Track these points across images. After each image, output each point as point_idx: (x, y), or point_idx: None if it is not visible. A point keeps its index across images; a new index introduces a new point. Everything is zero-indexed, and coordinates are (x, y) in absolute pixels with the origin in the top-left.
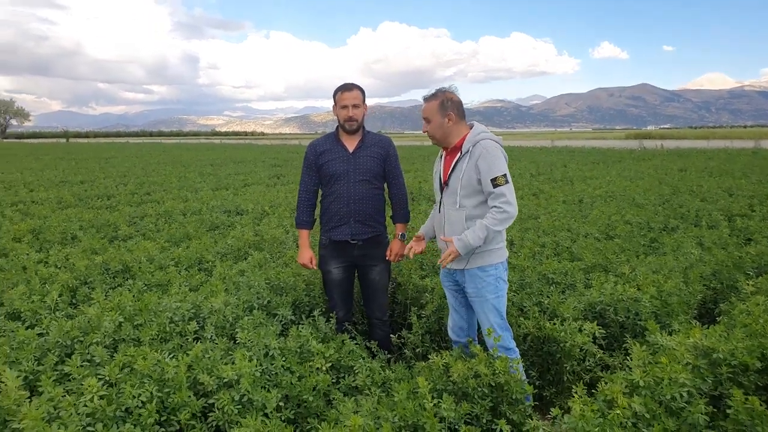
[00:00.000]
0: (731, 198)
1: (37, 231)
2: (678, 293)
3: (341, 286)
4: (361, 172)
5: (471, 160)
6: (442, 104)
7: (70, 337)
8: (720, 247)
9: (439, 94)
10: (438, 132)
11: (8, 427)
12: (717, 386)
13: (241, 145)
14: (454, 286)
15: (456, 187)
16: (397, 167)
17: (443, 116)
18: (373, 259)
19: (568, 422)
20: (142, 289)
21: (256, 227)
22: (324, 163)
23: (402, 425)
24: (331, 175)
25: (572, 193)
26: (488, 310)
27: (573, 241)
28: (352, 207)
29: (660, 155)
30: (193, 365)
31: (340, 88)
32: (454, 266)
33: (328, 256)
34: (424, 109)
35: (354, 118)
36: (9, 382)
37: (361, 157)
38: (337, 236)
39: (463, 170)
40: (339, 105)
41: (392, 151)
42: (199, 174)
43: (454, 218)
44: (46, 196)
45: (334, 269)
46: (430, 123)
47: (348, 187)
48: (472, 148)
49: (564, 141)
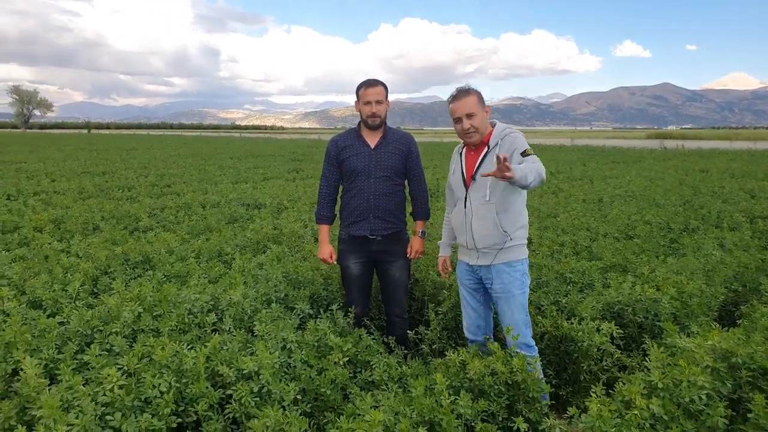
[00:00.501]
0: (753, 200)
1: (58, 221)
2: (699, 295)
3: (359, 282)
4: (382, 169)
5: (501, 152)
6: (480, 98)
7: (90, 326)
8: (741, 249)
9: (471, 89)
10: (482, 125)
11: (27, 413)
12: (736, 389)
13: (260, 138)
14: (475, 284)
15: (485, 181)
16: (418, 164)
17: (483, 109)
18: (393, 255)
19: (586, 422)
20: (161, 280)
21: (275, 221)
22: (345, 158)
23: (419, 420)
24: (352, 170)
25: (592, 192)
26: (514, 306)
27: (592, 240)
28: (372, 203)
29: (681, 155)
30: (212, 357)
31: (363, 84)
32: (479, 262)
33: (347, 251)
34: (462, 105)
35: (377, 114)
36: (29, 369)
37: (383, 153)
38: (356, 232)
39: (493, 164)
40: (362, 101)
41: (414, 147)
42: (218, 167)
43: (483, 212)
44: (68, 186)
45: (353, 264)
46: (475, 117)
47: (369, 183)
48: (500, 141)
49: (584, 140)
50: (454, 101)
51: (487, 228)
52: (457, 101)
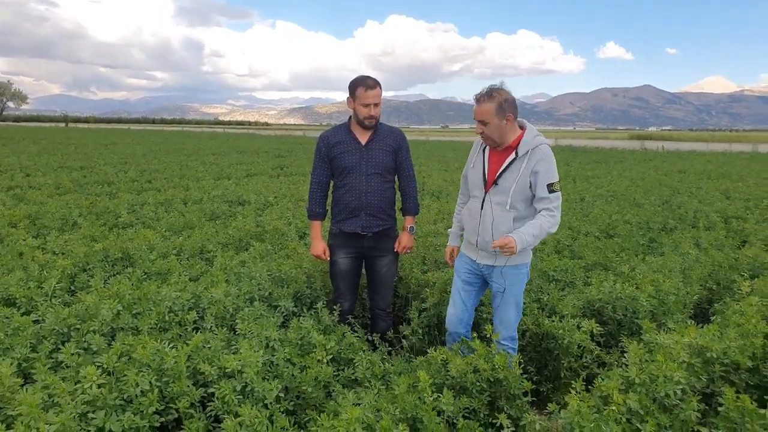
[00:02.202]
0: (728, 200)
1: (34, 216)
2: (676, 293)
3: (348, 277)
4: (373, 165)
5: (529, 164)
6: (500, 106)
7: (66, 324)
8: (716, 248)
9: (495, 94)
10: (495, 134)
11: (2, 413)
12: (709, 384)
13: (244, 134)
14: (474, 278)
15: (508, 189)
16: (409, 160)
17: (502, 119)
18: (382, 250)
19: (565, 417)
20: (141, 278)
21: (258, 218)
22: (336, 155)
23: (401, 418)
24: (344, 167)
25: (574, 192)
26: (512, 303)
27: (574, 239)
28: (363, 200)
29: (661, 156)
30: (193, 355)
31: (361, 85)
32: (490, 262)
33: (336, 246)
34: (478, 110)
35: (375, 116)
36: (2, 369)
37: (374, 149)
38: (347, 228)
39: (519, 173)
40: (360, 102)
41: (404, 144)
42: (201, 163)
43: (501, 218)
44: (43, 181)
45: (342, 259)
46: (487, 125)
47: (360, 180)
48: (531, 152)
49: (567, 140)
50: (476, 102)
51: (501, 233)
52: (476, 104)
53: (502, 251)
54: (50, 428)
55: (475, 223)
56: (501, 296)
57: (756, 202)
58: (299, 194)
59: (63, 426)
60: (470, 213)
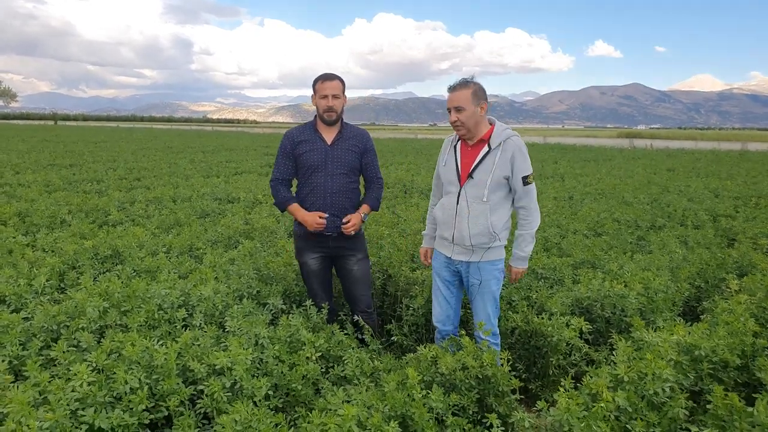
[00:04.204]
0: (717, 199)
1: (23, 214)
2: (664, 291)
3: (319, 277)
4: (338, 165)
5: (503, 156)
6: (475, 93)
7: (56, 322)
8: (704, 246)
9: (471, 83)
10: (470, 121)
11: None
12: (698, 382)
13: (233, 132)
14: (451, 276)
15: (484, 181)
16: (374, 161)
17: (476, 105)
18: (350, 249)
19: (554, 415)
20: (130, 275)
21: (247, 216)
22: (301, 153)
23: (391, 415)
24: (309, 166)
25: (563, 190)
26: (488, 300)
27: (562, 237)
28: (328, 200)
29: (649, 155)
30: (183, 352)
31: (320, 78)
32: (464, 258)
33: (303, 248)
34: (453, 97)
35: (333, 108)
36: None
37: (339, 150)
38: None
39: (494, 165)
40: (318, 94)
41: (370, 145)
42: (190, 161)
43: (477, 211)
44: (33, 178)
45: (311, 260)
46: (463, 112)
47: (325, 180)
48: (503, 144)
49: (556, 138)
50: (450, 91)
51: (478, 227)
52: (451, 92)
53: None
54: (42, 425)
55: (451, 217)
56: (477, 290)
57: (744, 200)
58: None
59: (55, 423)
60: (444, 208)
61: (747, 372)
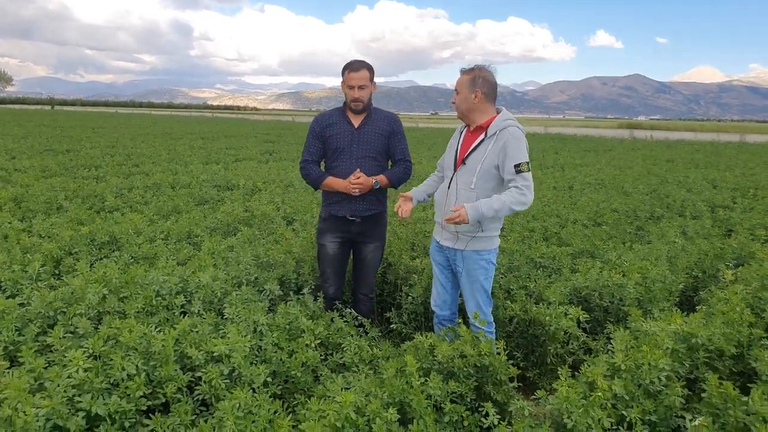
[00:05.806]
0: (715, 190)
1: (19, 199)
2: (662, 281)
3: (335, 261)
4: (364, 148)
5: (496, 145)
6: (473, 80)
7: (52, 308)
8: (702, 237)
9: (476, 69)
10: (462, 105)
11: None
12: (693, 370)
13: (233, 119)
14: (444, 262)
15: (474, 168)
16: (401, 144)
17: (471, 91)
18: (370, 236)
19: (554, 403)
20: (128, 262)
21: (246, 203)
22: (329, 136)
23: (390, 402)
24: (335, 148)
25: (563, 180)
26: (476, 290)
27: (562, 226)
28: None
29: (649, 146)
30: (181, 339)
31: (347, 67)
32: (450, 244)
33: (325, 230)
34: (458, 80)
35: (360, 99)
36: None
37: (366, 133)
38: (337, 211)
39: (486, 153)
40: (346, 84)
41: (397, 127)
42: (189, 147)
43: (465, 198)
44: (29, 164)
45: (330, 243)
46: (457, 95)
47: (351, 163)
48: (499, 133)
49: (557, 128)
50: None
51: None
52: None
53: (452, 222)
54: (39, 412)
55: (442, 202)
56: (464, 279)
57: (743, 191)
58: (288, 179)
59: (52, 410)
60: (440, 193)
61: (742, 361)
